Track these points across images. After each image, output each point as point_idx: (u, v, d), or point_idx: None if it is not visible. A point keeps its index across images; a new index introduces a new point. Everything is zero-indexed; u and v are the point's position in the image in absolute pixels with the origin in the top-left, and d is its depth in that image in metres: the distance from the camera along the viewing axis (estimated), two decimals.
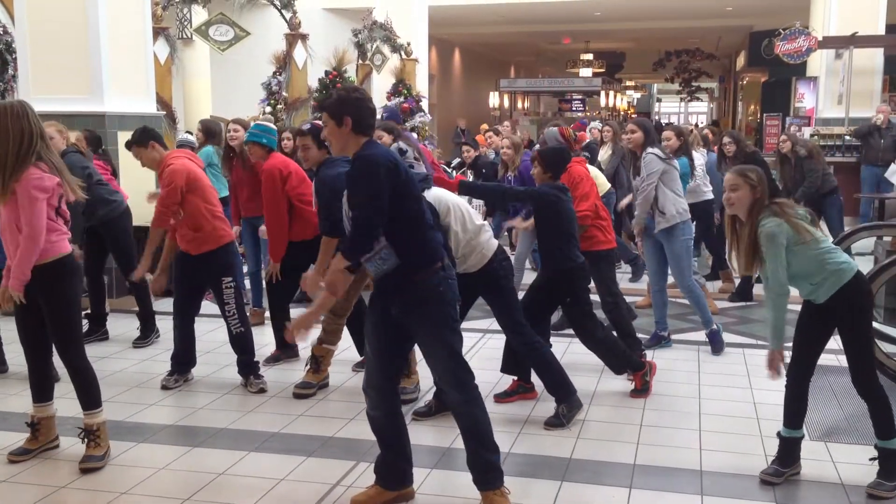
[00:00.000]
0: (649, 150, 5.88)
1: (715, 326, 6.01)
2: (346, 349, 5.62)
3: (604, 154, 9.18)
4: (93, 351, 5.90)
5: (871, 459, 3.83)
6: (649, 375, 5.06)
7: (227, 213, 5.89)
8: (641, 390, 5.01)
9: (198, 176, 5.14)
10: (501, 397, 4.93)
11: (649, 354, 5.87)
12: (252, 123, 6.15)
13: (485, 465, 3.55)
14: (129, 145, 5.23)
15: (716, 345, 5.95)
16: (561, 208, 4.82)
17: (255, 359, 5.30)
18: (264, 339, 6.19)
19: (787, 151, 8.61)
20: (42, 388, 4.18)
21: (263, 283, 6.61)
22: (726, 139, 7.98)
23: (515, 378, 4.99)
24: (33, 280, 3.87)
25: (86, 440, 4.05)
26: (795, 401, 3.92)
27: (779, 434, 3.97)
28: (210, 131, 8.02)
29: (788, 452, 3.93)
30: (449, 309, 3.53)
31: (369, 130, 3.50)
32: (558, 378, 4.64)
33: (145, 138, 5.15)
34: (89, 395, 4.08)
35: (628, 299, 7.38)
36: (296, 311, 4.27)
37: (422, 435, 4.17)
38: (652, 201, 5.85)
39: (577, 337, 5.01)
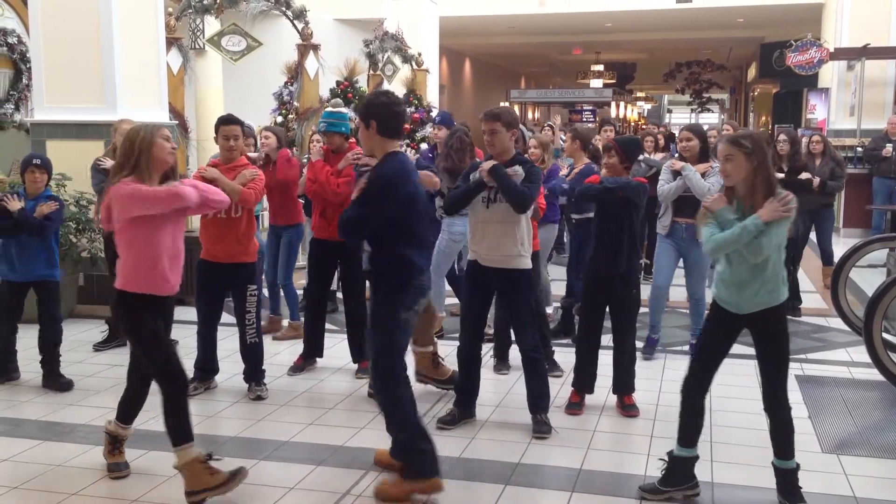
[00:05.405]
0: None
1: None
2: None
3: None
4: (107, 359, 5.97)
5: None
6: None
7: None
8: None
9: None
10: (574, 409, 4.90)
11: (649, 363, 5.87)
12: (324, 111, 5.93)
13: None
14: None
15: None
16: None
17: (263, 367, 5.29)
18: (274, 349, 6.21)
19: (817, 152, 8.37)
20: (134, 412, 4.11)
21: (282, 292, 6.65)
22: (781, 137, 7.65)
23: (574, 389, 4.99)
24: (160, 309, 3.86)
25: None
26: (692, 416, 3.66)
27: (670, 454, 3.71)
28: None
29: (678, 471, 3.67)
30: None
31: (395, 134, 3.78)
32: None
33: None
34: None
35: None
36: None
37: (443, 443, 4.10)
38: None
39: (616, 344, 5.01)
